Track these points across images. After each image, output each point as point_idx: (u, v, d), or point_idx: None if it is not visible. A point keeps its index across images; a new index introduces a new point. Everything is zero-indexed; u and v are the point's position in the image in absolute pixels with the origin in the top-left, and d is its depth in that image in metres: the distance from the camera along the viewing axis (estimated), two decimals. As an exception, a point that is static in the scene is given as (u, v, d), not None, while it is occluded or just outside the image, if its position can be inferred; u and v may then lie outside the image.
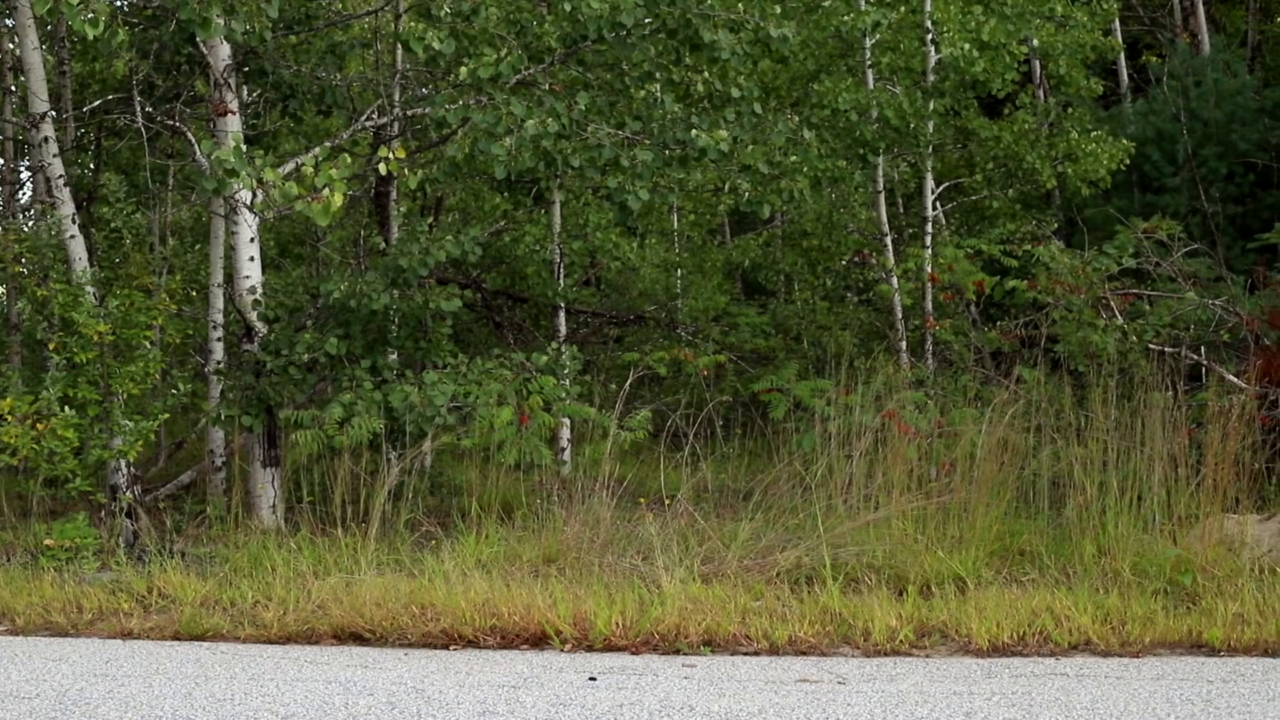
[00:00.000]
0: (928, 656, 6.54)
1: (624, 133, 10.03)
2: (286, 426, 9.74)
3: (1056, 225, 15.35)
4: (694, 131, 9.86)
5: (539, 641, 6.79)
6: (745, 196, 10.64)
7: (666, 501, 9.14)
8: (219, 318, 10.97)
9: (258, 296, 9.97)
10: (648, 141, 9.98)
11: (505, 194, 14.83)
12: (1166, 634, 6.63)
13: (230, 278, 10.37)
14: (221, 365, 10.78)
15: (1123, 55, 18.78)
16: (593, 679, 6.00)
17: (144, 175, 11.51)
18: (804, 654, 6.56)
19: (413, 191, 12.74)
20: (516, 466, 9.58)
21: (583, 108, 9.82)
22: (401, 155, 9.48)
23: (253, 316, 9.98)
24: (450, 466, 11.48)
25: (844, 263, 15.38)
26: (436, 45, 9.63)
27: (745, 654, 6.58)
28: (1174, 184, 15.97)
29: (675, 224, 16.79)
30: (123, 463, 9.64)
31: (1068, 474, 8.89)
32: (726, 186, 11.22)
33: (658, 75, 11.10)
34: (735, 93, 10.46)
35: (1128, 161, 14.31)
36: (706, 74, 11.09)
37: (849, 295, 16.12)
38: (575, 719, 5.29)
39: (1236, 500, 8.52)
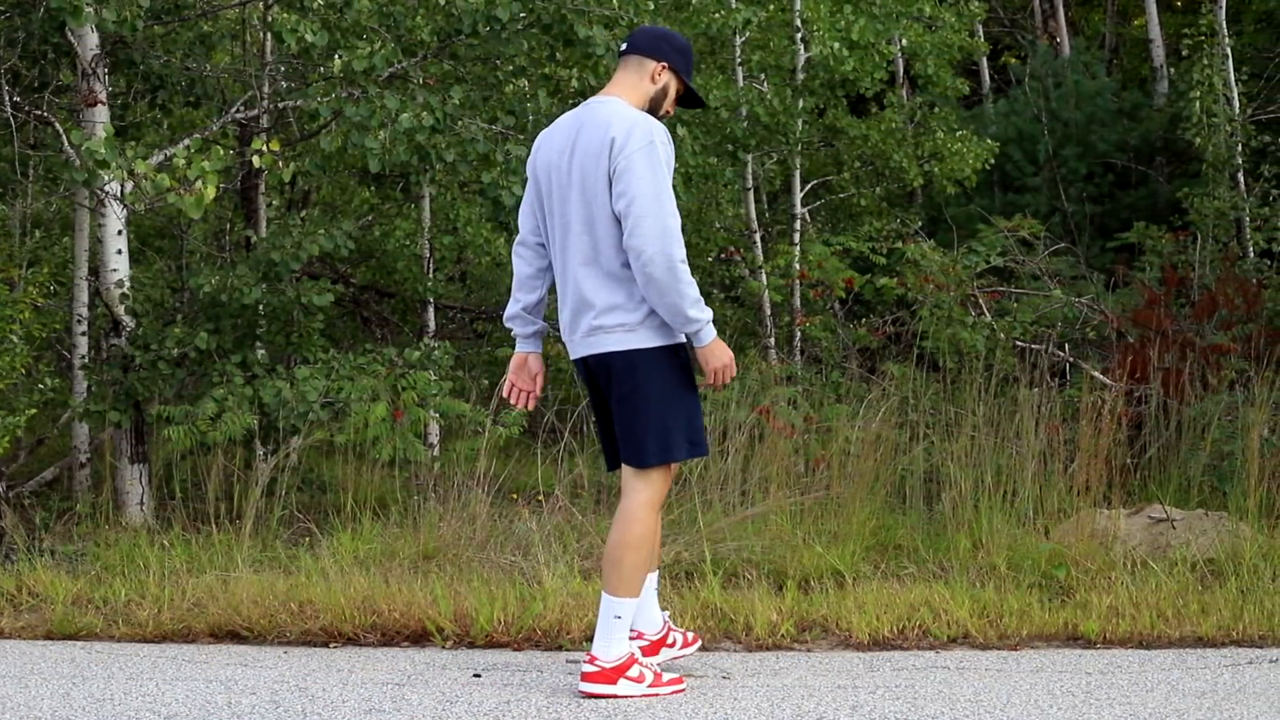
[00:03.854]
0: (809, 651, 6.59)
1: (497, 127, 9.99)
2: (157, 422, 9.59)
3: (920, 223, 15.55)
4: (567, 127, 9.82)
5: (420, 639, 6.75)
6: (618, 192, 10.63)
7: (541, 498, 9.12)
8: (84, 311, 10.76)
9: (125, 290, 9.80)
10: (521, 137, 9.96)
11: (373, 188, 14.71)
12: (1043, 627, 6.72)
13: (96, 270, 10.18)
14: (87, 360, 10.58)
15: (984, 56, 19.11)
16: (477, 676, 5.98)
17: (4, 166, 11.26)
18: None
19: (282, 185, 12.57)
20: (391, 463, 9.51)
21: (456, 102, 9.76)
22: (276, 148, 9.37)
23: (120, 310, 9.81)
24: (319, 463, 11.35)
25: (711, 259, 15.46)
26: (310, 37, 9.51)
27: (628, 649, 6.57)
28: (1035, 183, 16.31)
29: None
30: (-14, 459, 9.45)
31: (941, 470, 9.01)
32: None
33: (529, 70, 11.07)
34: (610, 89, 10.43)
35: (993, 161, 14.55)
36: (579, 70, 11.07)
37: (715, 292, 16.20)
38: (463, 716, 5.25)
39: (1106, 496, 8.69)
